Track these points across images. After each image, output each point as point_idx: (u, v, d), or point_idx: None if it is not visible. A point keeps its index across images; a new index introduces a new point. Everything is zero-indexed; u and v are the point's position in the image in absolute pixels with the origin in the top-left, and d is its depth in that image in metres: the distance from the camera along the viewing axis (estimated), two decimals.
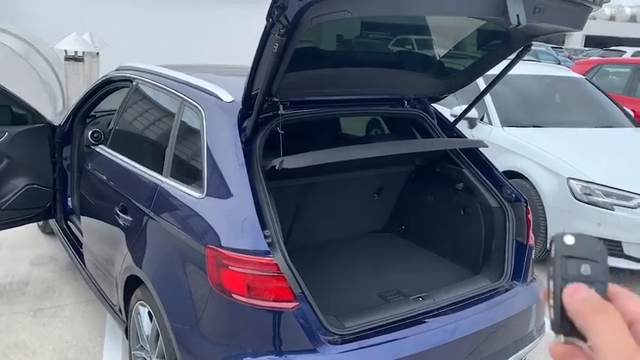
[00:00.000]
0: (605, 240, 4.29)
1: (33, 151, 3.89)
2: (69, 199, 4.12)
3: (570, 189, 4.42)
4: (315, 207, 3.16)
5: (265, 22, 1.92)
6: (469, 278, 2.73)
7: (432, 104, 3.14)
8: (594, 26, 41.36)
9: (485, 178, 2.87)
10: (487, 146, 2.99)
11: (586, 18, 2.26)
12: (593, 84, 6.44)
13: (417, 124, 3.03)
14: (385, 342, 2.17)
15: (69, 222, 4.07)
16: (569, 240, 0.49)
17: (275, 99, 2.38)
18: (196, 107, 2.57)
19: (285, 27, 1.88)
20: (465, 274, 2.83)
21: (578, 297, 0.45)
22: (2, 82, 3.84)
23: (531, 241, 2.74)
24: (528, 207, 2.82)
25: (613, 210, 4.27)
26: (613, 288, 0.48)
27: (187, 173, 2.52)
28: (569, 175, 4.45)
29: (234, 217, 2.19)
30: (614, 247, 4.32)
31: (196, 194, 2.34)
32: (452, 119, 5.54)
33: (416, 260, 3.13)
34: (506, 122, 5.37)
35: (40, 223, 4.78)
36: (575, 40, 41.38)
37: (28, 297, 3.86)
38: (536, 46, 26.18)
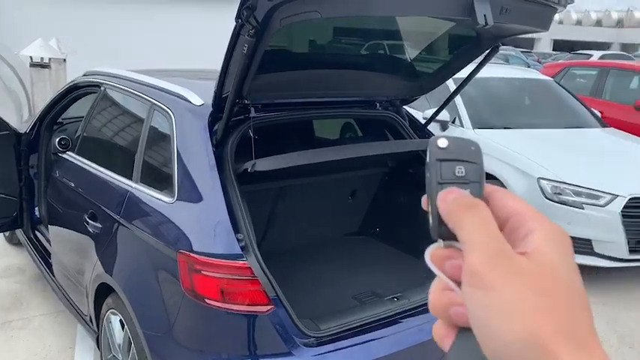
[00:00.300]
0: (576, 238, 4.38)
1: None
2: (36, 208, 4.02)
3: (541, 189, 4.49)
4: (290, 210, 3.14)
5: (234, 23, 1.90)
6: None
7: (404, 106, 3.15)
8: (562, 30, 42.40)
9: None
10: None
11: (551, 18, 2.30)
12: (561, 86, 6.57)
13: (389, 126, 3.04)
14: (361, 343, 2.16)
15: (36, 232, 3.97)
16: (443, 143, 0.47)
17: (246, 101, 2.36)
18: (166, 111, 2.53)
19: (254, 28, 1.87)
20: None
21: (450, 198, 0.44)
22: None
23: None
24: None
25: (583, 209, 4.34)
26: (489, 187, 0.47)
27: (158, 178, 2.48)
28: (539, 175, 4.52)
29: (206, 222, 2.16)
30: (585, 246, 4.40)
31: (167, 199, 2.30)
32: (424, 122, 5.60)
33: (390, 262, 3.13)
34: (477, 124, 5.44)
35: (7, 233, 4.66)
36: (543, 44, 42.31)
37: None
38: (506, 50, 26.73)
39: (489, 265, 0.41)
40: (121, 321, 2.50)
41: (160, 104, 2.60)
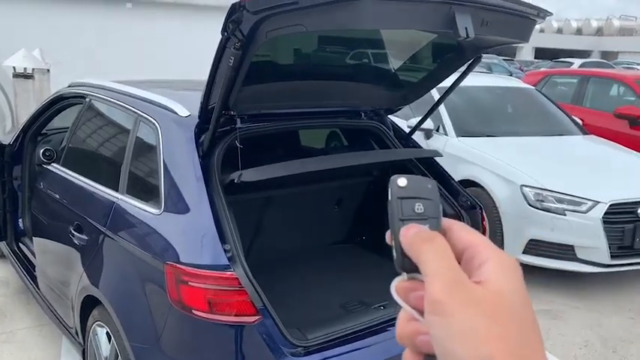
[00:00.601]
0: (558, 244, 4.45)
1: None
2: (20, 220, 3.99)
3: (524, 196, 4.55)
4: (277, 219, 3.16)
5: (220, 36, 1.92)
6: None
7: (389, 116, 3.19)
8: (543, 39, 43.00)
9: (441, 187, 2.93)
10: (442, 155, 3.06)
11: (531, 30, 2.36)
12: (542, 94, 6.68)
13: (374, 135, 3.08)
14: (348, 352, 2.17)
15: (20, 244, 3.94)
16: (402, 182, 0.50)
17: (232, 112, 2.37)
18: (152, 122, 2.54)
19: (240, 41, 1.89)
20: None
21: (411, 233, 0.47)
22: None
23: None
24: (484, 214, 2.90)
25: (565, 215, 4.41)
26: (446, 222, 0.50)
27: (144, 189, 2.48)
28: (522, 183, 4.59)
29: (192, 233, 2.17)
30: (568, 251, 4.47)
31: (154, 210, 2.30)
32: (408, 130, 5.65)
33: (377, 270, 3.13)
34: (460, 132, 5.50)
35: None
36: (525, 52, 42.89)
37: None
38: (489, 58, 27.06)
39: (449, 294, 0.44)
40: (107, 333, 2.49)
41: (145, 115, 2.60)
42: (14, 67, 7.29)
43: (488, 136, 5.50)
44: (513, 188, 4.63)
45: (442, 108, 5.75)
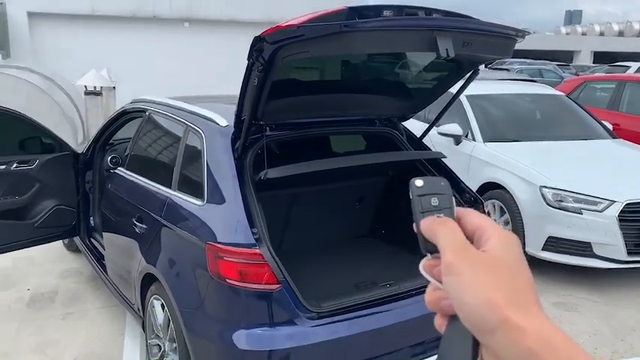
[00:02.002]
0: (576, 241, 4.72)
1: (60, 175, 4.43)
2: (91, 218, 4.65)
3: (543, 196, 4.85)
4: (304, 214, 3.65)
5: (247, 62, 2.44)
6: None
7: (402, 122, 3.62)
8: (603, 42, 41.73)
9: None
10: (446, 157, 3.45)
11: (512, 47, 2.74)
12: (573, 100, 6.89)
13: (388, 140, 3.52)
14: (353, 318, 2.63)
15: (92, 238, 4.59)
16: (419, 183, 0.62)
17: (261, 122, 2.89)
18: (198, 131, 3.09)
19: (262, 65, 2.40)
20: None
21: (429, 220, 0.60)
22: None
23: None
24: (484, 207, 3.28)
25: (581, 214, 4.68)
26: (460, 210, 0.61)
27: (191, 186, 3.02)
28: (541, 184, 4.89)
29: (228, 219, 2.68)
30: (585, 248, 4.73)
31: (198, 202, 2.84)
32: (440, 137, 6.01)
33: (391, 259, 3.58)
34: (487, 138, 5.83)
35: (66, 241, 5.31)
36: (584, 56, 41.76)
37: (57, 304, 4.37)
38: (542, 65, 26.80)
39: (458, 258, 0.55)
40: (162, 305, 3.04)
41: (193, 126, 3.16)
42: (85, 86, 8.15)
43: (514, 141, 5.81)
44: (533, 189, 4.93)
45: (471, 115, 6.11)
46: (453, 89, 3.33)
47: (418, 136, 3.68)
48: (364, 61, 3.20)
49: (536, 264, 4.87)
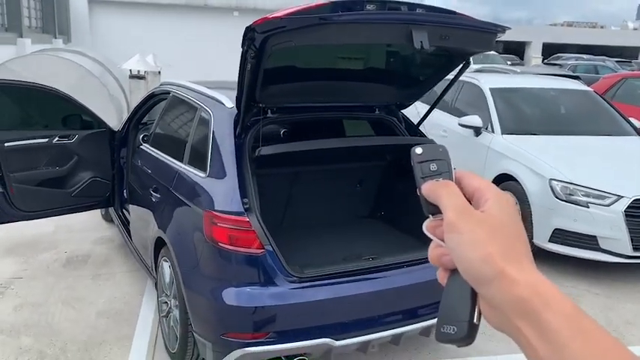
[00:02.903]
0: (582, 234, 4.80)
1: (97, 150, 4.87)
2: (124, 191, 5.08)
3: (551, 188, 4.94)
4: (308, 194, 3.93)
5: (241, 49, 2.73)
6: (419, 249, 3.38)
7: (402, 110, 3.84)
8: None
9: None
10: (437, 144, 3.64)
11: (493, 41, 2.92)
12: (601, 96, 6.85)
13: (386, 126, 3.74)
14: (330, 284, 2.90)
15: (124, 209, 5.02)
16: (419, 150, 0.65)
17: (260, 105, 3.18)
18: (207, 111, 3.42)
19: (254, 52, 2.69)
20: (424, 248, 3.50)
21: (431, 184, 0.63)
22: (79, 97, 4.86)
23: None
24: None
25: (588, 207, 4.75)
26: (459, 173, 0.64)
27: (198, 159, 3.35)
28: (550, 177, 4.98)
29: (224, 190, 3.00)
30: (591, 242, 4.80)
31: (201, 174, 3.17)
32: (460, 128, 6.15)
33: (386, 237, 3.82)
34: (506, 130, 5.92)
35: (103, 211, 5.80)
36: None
37: (89, 266, 4.83)
38: (599, 61, 26.00)
39: (459, 217, 0.58)
40: (169, 266, 3.40)
41: (204, 106, 3.49)
42: (130, 70, 8.68)
43: (532, 134, 5.88)
44: (543, 181, 5.03)
45: (492, 107, 6.22)
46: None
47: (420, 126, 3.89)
48: (362, 50, 3.43)
49: (542, 255, 4.98)
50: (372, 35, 2.60)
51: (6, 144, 4.32)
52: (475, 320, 0.58)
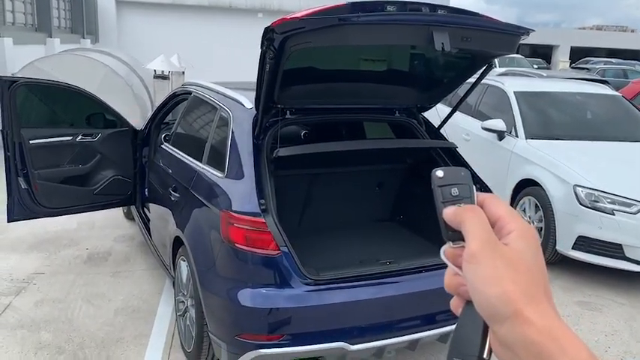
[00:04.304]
0: (607, 242, 4.68)
1: (119, 149, 4.92)
2: (146, 189, 5.13)
3: (576, 195, 4.83)
4: (324, 196, 3.91)
5: (260, 50, 2.73)
6: (438, 254, 3.34)
7: (423, 112, 3.80)
8: None
9: None
10: (457, 147, 3.59)
11: (516, 44, 2.87)
12: (629, 101, 6.69)
13: (407, 129, 3.70)
14: (346, 287, 2.87)
15: (144, 208, 5.07)
16: (440, 174, 0.62)
17: (279, 105, 3.17)
18: (227, 111, 3.42)
19: (273, 53, 2.68)
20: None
21: (451, 210, 0.60)
22: (103, 96, 4.92)
23: None
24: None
25: (613, 215, 4.64)
26: (481, 197, 0.62)
27: (217, 160, 3.36)
28: (575, 183, 4.87)
29: (241, 190, 3.00)
30: (616, 250, 4.69)
31: (219, 174, 3.17)
32: (484, 132, 6.07)
33: (403, 241, 3.77)
34: (530, 135, 5.82)
35: (125, 209, 5.86)
36: None
37: (109, 263, 4.89)
38: (629, 65, 25.46)
39: (482, 249, 0.56)
40: (187, 265, 3.41)
41: (224, 106, 3.50)
42: (154, 70, 8.78)
43: (557, 139, 5.76)
44: (567, 187, 4.93)
45: (516, 111, 6.12)
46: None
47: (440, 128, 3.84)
48: (382, 52, 3.40)
49: (565, 262, 4.87)
50: (392, 36, 2.58)
51: (31, 141, 4.39)
52: (485, 356, 0.57)
